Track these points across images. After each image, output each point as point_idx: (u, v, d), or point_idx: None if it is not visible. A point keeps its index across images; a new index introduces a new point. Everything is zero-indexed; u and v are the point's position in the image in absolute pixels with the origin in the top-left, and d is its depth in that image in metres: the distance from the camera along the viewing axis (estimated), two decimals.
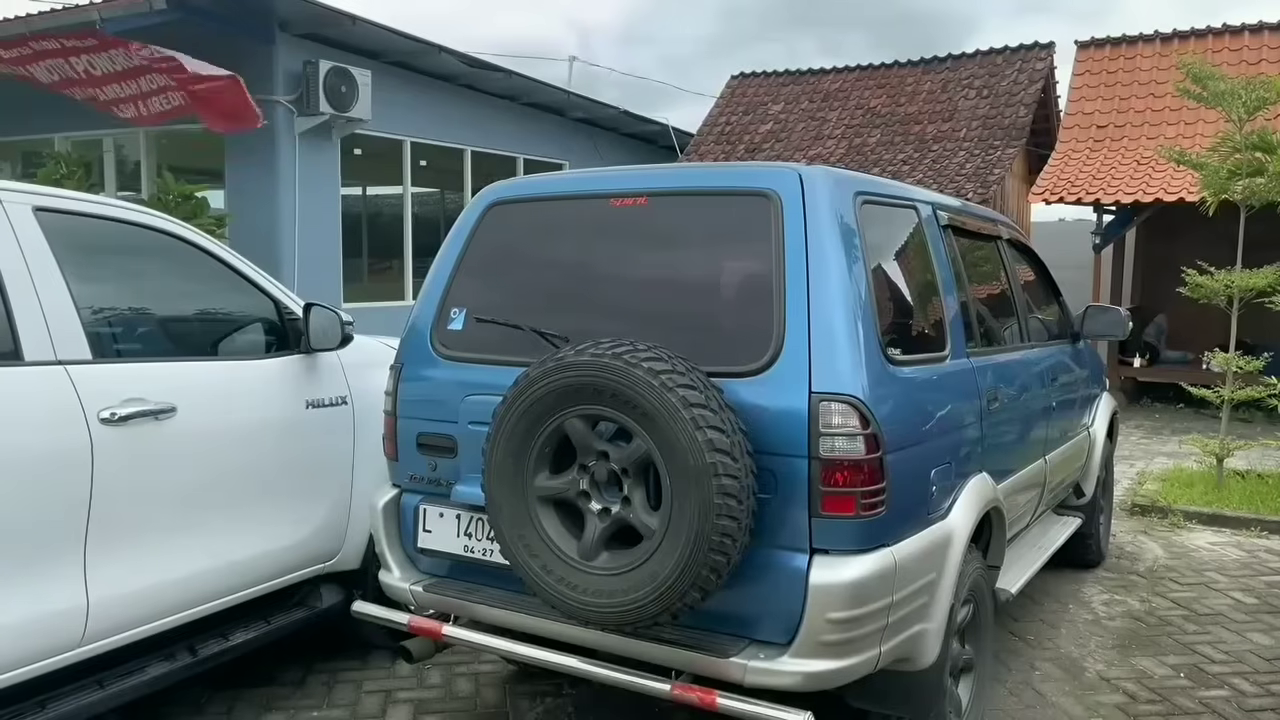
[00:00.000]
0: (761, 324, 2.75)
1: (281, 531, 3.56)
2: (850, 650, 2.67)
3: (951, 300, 3.43)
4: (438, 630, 3.11)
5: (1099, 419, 5.38)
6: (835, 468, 2.62)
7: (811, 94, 15.55)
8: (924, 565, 2.91)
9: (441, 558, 3.24)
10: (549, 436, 2.73)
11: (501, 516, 2.79)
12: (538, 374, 2.70)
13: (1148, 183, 11.33)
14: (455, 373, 3.21)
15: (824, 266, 2.75)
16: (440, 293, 3.32)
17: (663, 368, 2.55)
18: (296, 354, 3.68)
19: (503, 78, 11.98)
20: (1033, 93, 13.83)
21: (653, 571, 2.58)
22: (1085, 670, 4.18)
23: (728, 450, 2.51)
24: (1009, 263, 4.37)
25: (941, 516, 3.06)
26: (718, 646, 2.72)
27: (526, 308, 3.21)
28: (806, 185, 2.85)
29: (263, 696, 3.84)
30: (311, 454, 3.68)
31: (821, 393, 2.64)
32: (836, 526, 2.65)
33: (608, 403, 2.61)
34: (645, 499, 2.66)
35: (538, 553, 2.74)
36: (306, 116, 10.02)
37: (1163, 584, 5.34)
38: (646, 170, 3.23)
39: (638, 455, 2.62)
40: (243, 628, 3.48)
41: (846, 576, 2.62)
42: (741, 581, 2.70)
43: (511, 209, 3.35)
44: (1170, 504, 6.78)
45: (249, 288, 3.64)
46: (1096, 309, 5.06)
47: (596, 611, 2.66)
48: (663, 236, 3.05)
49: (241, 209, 10.20)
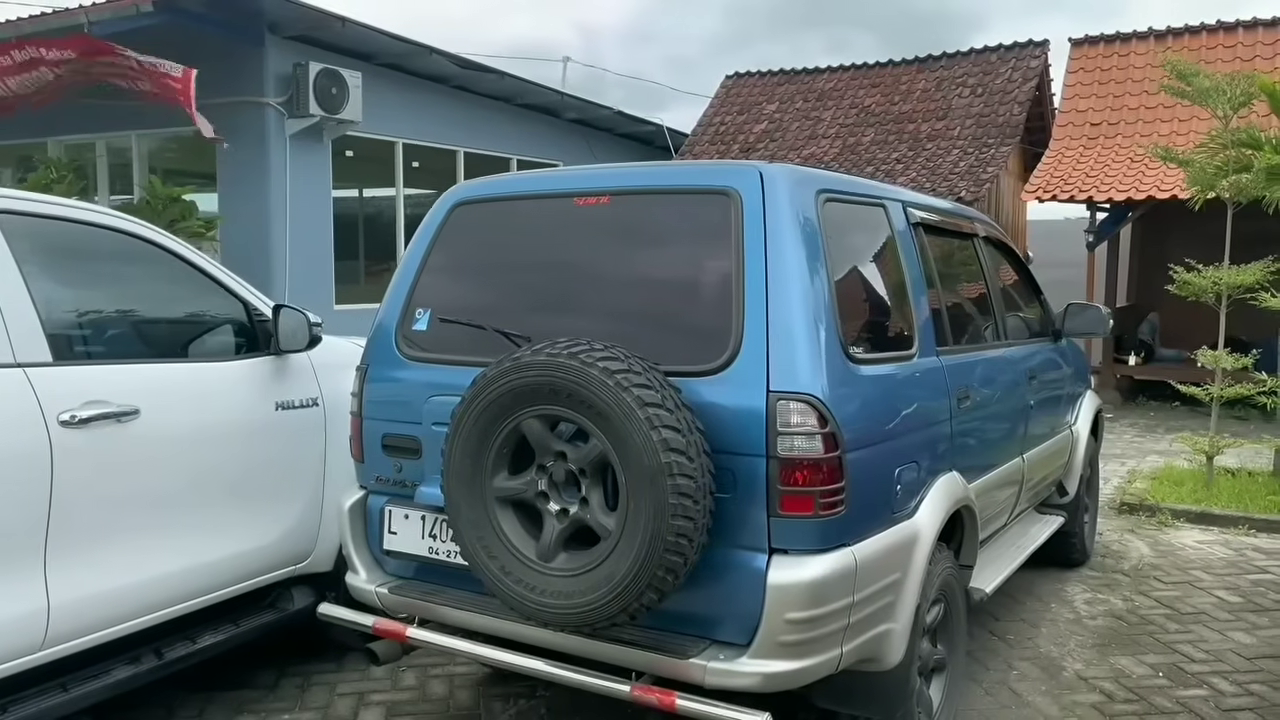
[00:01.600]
0: (721, 322, 2.73)
1: (251, 534, 3.55)
2: (810, 651, 2.65)
3: (920, 299, 3.41)
4: (402, 632, 3.09)
5: (1082, 417, 5.36)
6: (793, 467, 2.61)
7: (806, 93, 15.54)
8: (887, 565, 2.90)
9: (408, 559, 3.23)
10: (506, 437, 2.72)
11: (460, 518, 2.78)
12: (494, 374, 2.69)
13: (1141, 180, 11.30)
14: (419, 373, 3.20)
15: (783, 265, 2.74)
16: (405, 293, 3.31)
17: (618, 367, 2.54)
18: (266, 355, 3.67)
19: (495, 79, 11.99)
20: (1027, 90, 13.81)
21: (609, 573, 2.56)
22: (1063, 670, 4.16)
23: (683, 450, 2.49)
24: (985, 261, 4.35)
25: (907, 515, 3.04)
26: (678, 647, 2.71)
27: (491, 308, 3.20)
28: (767, 183, 2.84)
29: (234, 700, 3.83)
30: (281, 456, 3.67)
31: (779, 392, 2.63)
32: (795, 526, 2.63)
33: (564, 403, 2.60)
34: (603, 499, 2.65)
35: (496, 554, 2.73)
36: (297, 119, 10.03)
37: (1147, 583, 5.31)
38: (609, 169, 3.22)
39: (594, 455, 2.61)
40: (211, 630, 3.46)
41: (805, 576, 2.60)
42: (701, 582, 2.69)
43: (477, 209, 3.34)
44: (1158, 502, 6.75)
45: (217, 289, 3.63)
46: (1077, 307, 5.04)
47: (554, 613, 2.65)
48: (625, 235, 3.04)
49: (233, 212, 10.21)
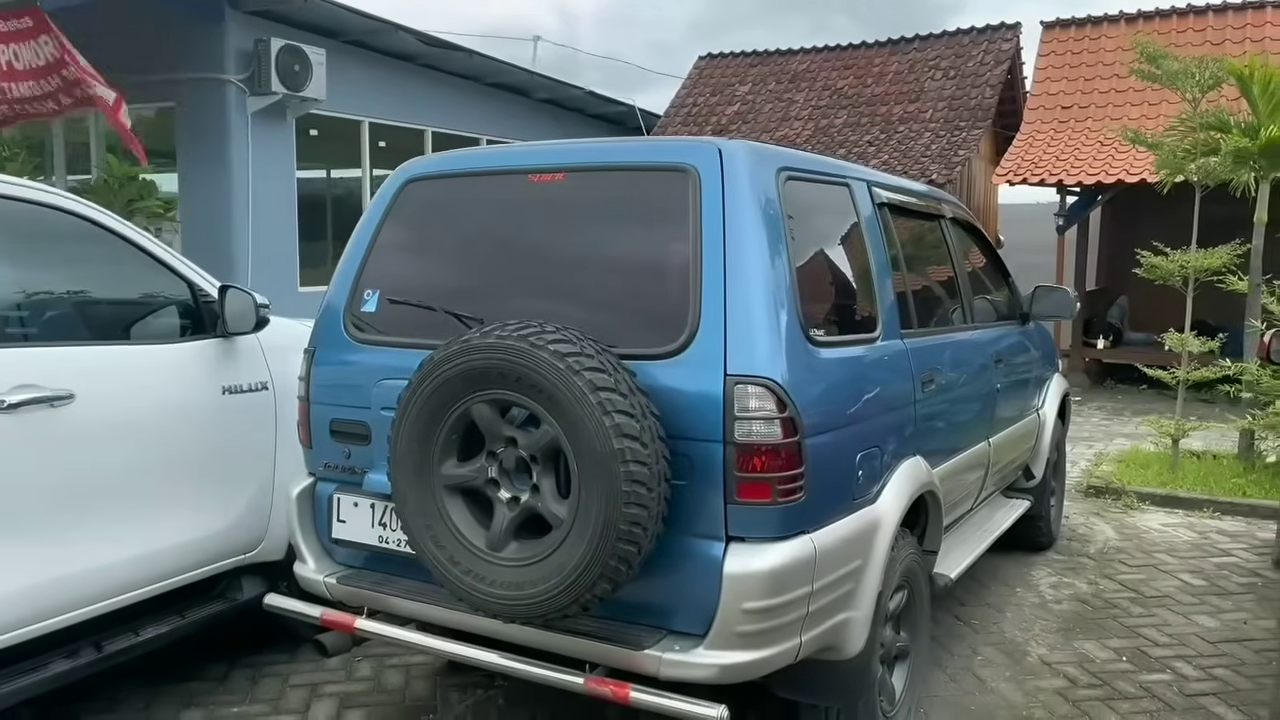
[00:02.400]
0: (677, 304, 2.65)
1: (196, 522, 3.44)
2: (768, 641, 2.59)
3: (885, 280, 3.34)
4: (350, 624, 3.00)
5: (1049, 401, 5.33)
6: (751, 453, 2.53)
7: (779, 75, 15.44)
8: (848, 552, 2.83)
9: (357, 548, 3.13)
10: (455, 423, 2.62)
11: (407, 506, 2.69)
12: (442, 357, 2.59)
13: (1110, 164, 11.32)
14: (368, 356, 3.10)
15: (742, 245, 2.65)
16: (353, 274, 3.20)
17: (569, 350, 2.45)
18: (212, 338, 3.55)
19: (464, 57, 11.79)
20: (999, 74, 13.78)
21: (561, 562, 2.48)
22: (1027, 654, 4.14)
23: (636, 436, 2.41)
24: (953, 243, 4.29)
25: (869, 501, 2.98)
26: (633, 638, 2.63)
27: (443, 288, 3.10)
28: (726, 160, 2.75)
29: (183, 692, 3.72)
30: (229, 442, 3.56)
31: (737, 375, 2.55)
32: (753, 513, 2.56)
33: (513, 387, 2.50)
34: (554, 487, 2.56)
35: (444, 544, 2.64)
36: (259, 96, 9.79)
37: (1112, 566, 5.31)
38: (565, 144, 3.12)
39: (546, 441, 2.52)
40: (155, 622, 3.35)
41: (762, 565, 2.53)
42: (657, 571, 2.61)
43: (429, 185, 3.23)
44: (1124, 485, 6.76)
45: (160, 269, 3.49)
46: (1045, 289, 5.00)
47: (503, 604, 2.56)
48: (580, 213, 2.94)
49: (193, 192, 9.99)
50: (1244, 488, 6.62)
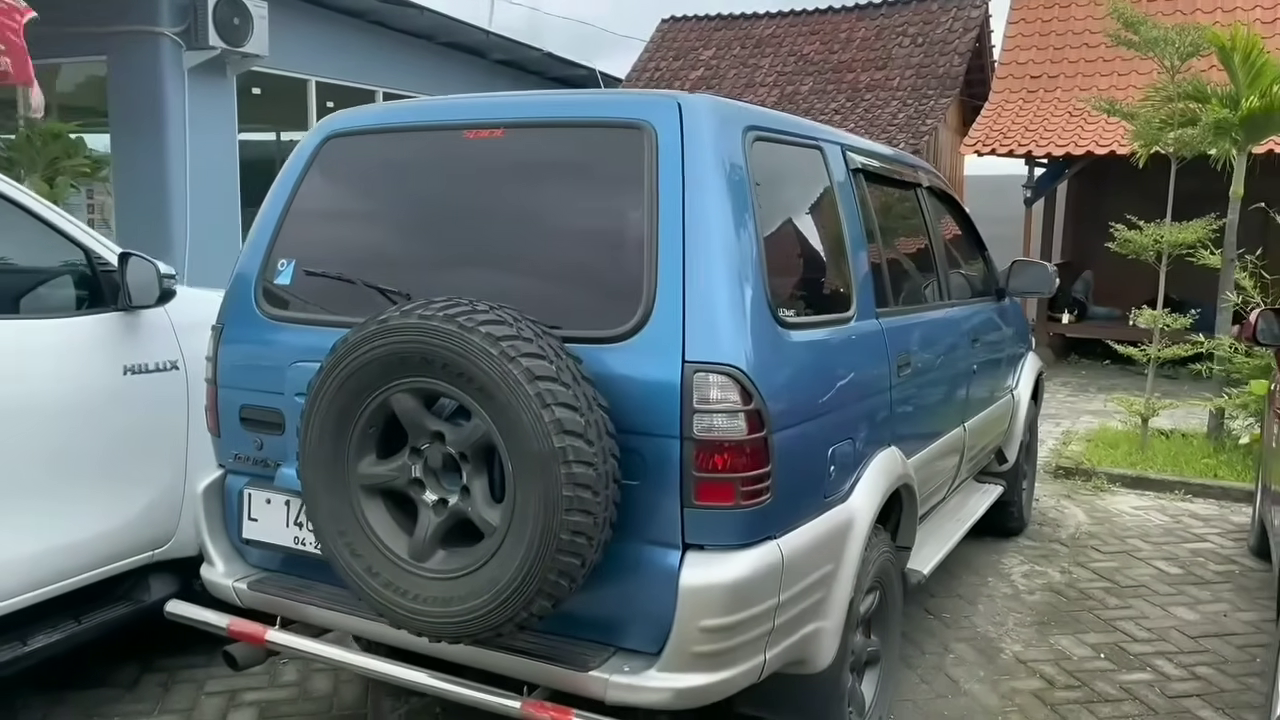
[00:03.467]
0: (630, 281, 2.32)
1: (93, 517, 3.08)
2: (728, 661, 2.30)
3: (860, 254, 3.03)
4: (260, 636, 2.67)
5: (1023, 380, 5.09)
6: (712, 450, 2.23)
7: (744, 40, 15.05)
8: (819, 557, 2.55)
9: (271, 550, 2.79)
10: (372, 414, 2.29)
11: (319, 508, 2.36)
12: (357, 339, 2.25)
13: (1079, 135, 11.10)
14: (282, 335, 2.75)
15: (703, 213, 2.33)
16: (267, 241, 2.84)
17: (504, 333, 2.12)
18: (111, 311, 3.17)
19: (415, 14, 11.26)
20: (967, 41, 13.51)
21: (493, 576, 2.17)
22: (1001, 652, 3.91)
23: (580, 432, 2.09)
24: (929, 213, 4.00)
25: (841, 499, 2.70)
26: (578, 657, 2.33)
27: (367, 259, 2.74)
28: (687, 117, 2.42)
29: (87, 700, 3.38)
30: (132, 427, 3.19)
31: (697, 362, 2.24)
32: (713, 518, 2.26)
33: (439, 375, 2.17)
34: (487, 490, 2.24)
35: (361, 551, 2.31)
36: (195, 51, 9.23)
37: (1085, 553, 5.10)
38: (505, 97, 2.76)
39: (477, 437, 2.19)
40: (45, 630, 2.99)
41: (723, 577, 2.24)
42: (605, 581, 2.31)
43: (353, 142, 2.87)
44: (1094, 466, 6.58)
45: (50, 234, 3.10)
46: (1022, 264, 4.74)
47: (428, 621, 2.24)
48: (521, 175, 2.59)
49: (127, 153, 9.42)
50: (1215, 469, 6.46)
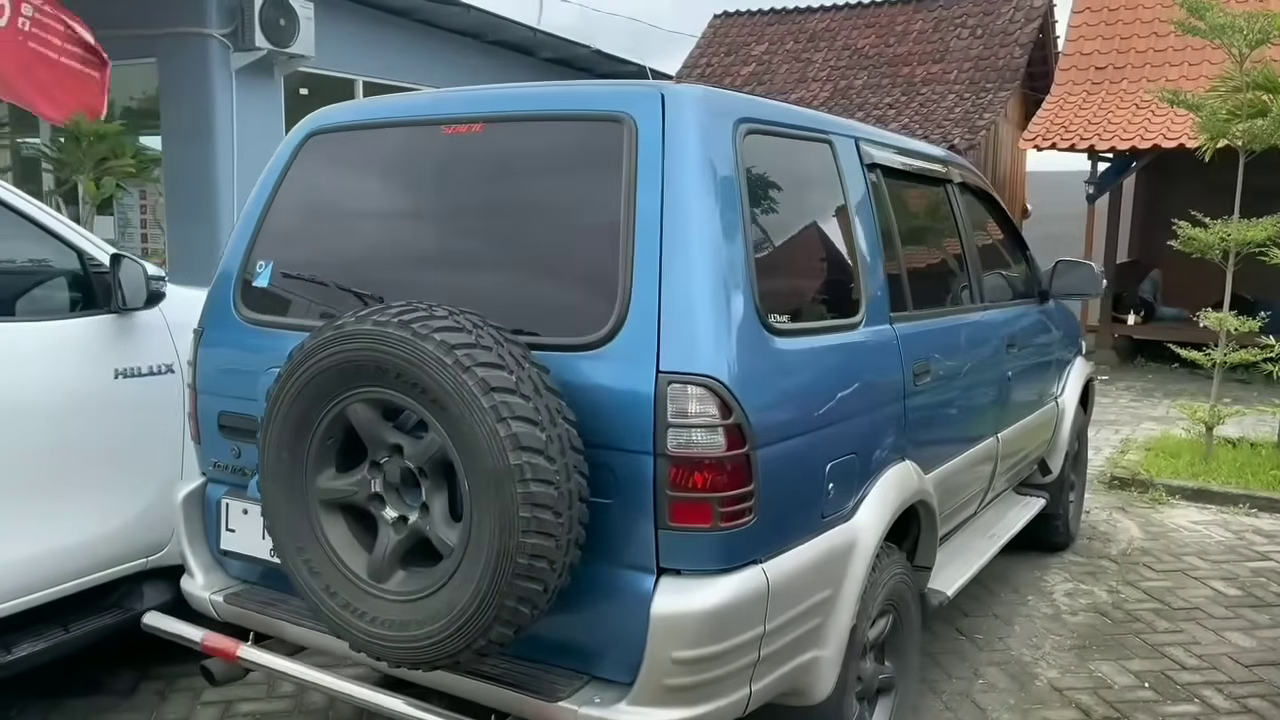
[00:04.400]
0: (604, 285, 2.17)
1: (84, 523, 3.02)
2: (707, 695, 2.13)
3: (872, 255, 2.84)
4: (231, 651, 2.57)
5: (1070, 387, 4.81)
6: (688, 467, 2.07)
7: (797, 34, 14.76)
8: (814, 581, 2.37)
9: (248, 562, 2.70)
10: (330, 425, 2.17)
11: (278, 523, 2.25)
12: (313, 346, 2.14)
13: (1146, 127, 10.63)
14: (259, 339, 2.65)
15: (684, 212, 2.17)
16: (247, 242, 2.75)
17: (460, 340, 1.98)
18: (103, 314, 3.11)
19: (461, 12, 11.24)
20: (1029, 32, 13.06)
21: (450, 600, 2.03)
22: (1036, 678, 3.66)
23: (540, 448, 1.95)
24: (960, 211, 3.77)
25: (843, 519, 2.51)
26: (549, 685, 2.19)
27: (344, 260, 2.63)
28: (670, 109, 2.26)
29: (83, 708, 3.33)
30: (124, 432, 3.12)
31: (672, 373, 2.07)
32: (689, 541, 2.10)
33: (393, 384, 2.04)
34: (447, 507, 2.10)
35: (319, 569, 2.20)
36: (243, 52, 9.31)
37: (1136, 571, 4.80)
38: (485, 90, 2.62)
39: (433, 452, 2.06)
40: (31, 638, 2.94)
41: (699, 605, 2.07)
42: (578, 605, 2.16)
43: (334, 139, 2.78)
44: (1152, 477, 6.23)
45: (40, 235, 3.05)
46: (1067, 264, 4.46)
47: (385, 646, 2.12)
48: (499, 172, 2.45)
49: (177, 153, 9.55)
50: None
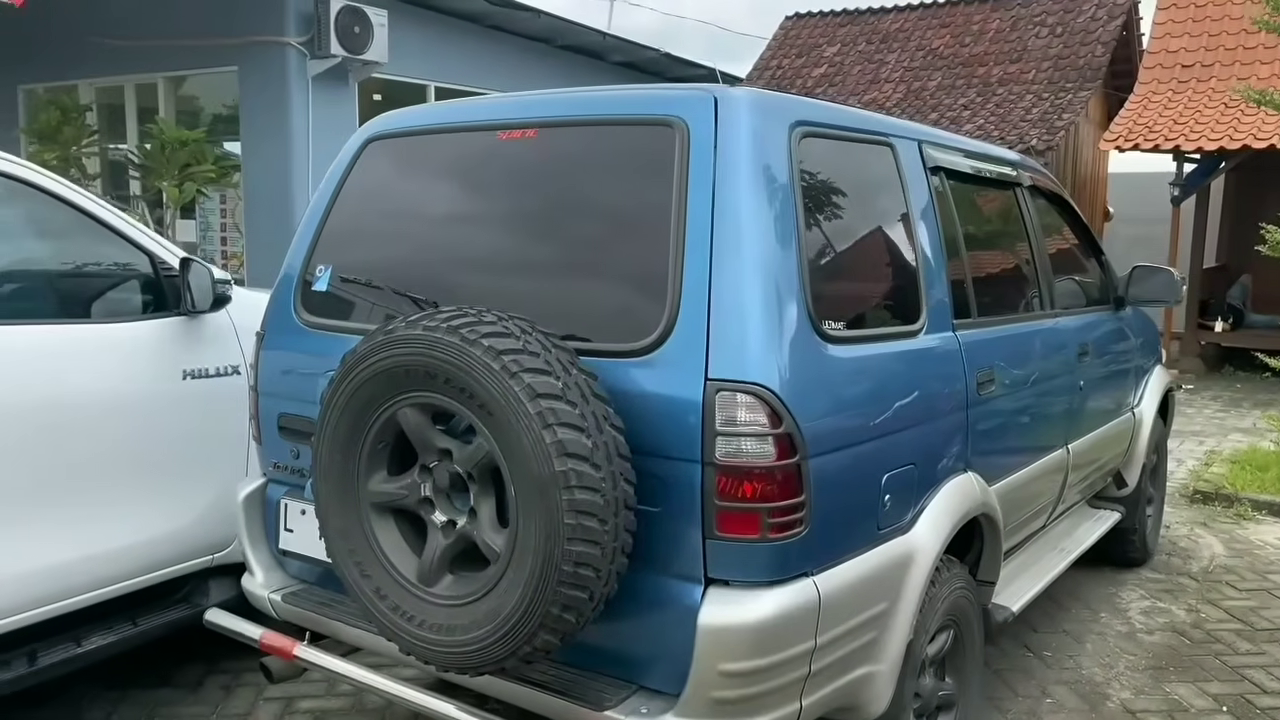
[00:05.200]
0: (653, 290, 2.15)
1: (151, 521, 3.10)
2: (756, 708, 2.10)
3: (935, 261, 2.76)
4: (288, 650, 2.61)
5: (1148, 397, 4.63)
6: (737, 476, 2.03)
7: (870, 35, 14.55)
8: (869, 595, 2.31)
9: (306, 561, 2.74)
10: (382, 429, 2.19)
11: (330, 526, 2.27)
12: (364, 351, 2.16)
13: (1236, 127, 10.22)
14: (317, 343, 2.69)
15: (735, 217, 2.14)
16: (308, 247, 2.79)
17: (508, 346, 1.98)
18: (172, 316, 3.19)
19: (532, 18, 11.34)
20: (1112, 30, 12.67)
21: (496, 606, 2.03)
22: (1107, 699, 3.53)
23: (586, 455, 1.93)
24: (1030, 215, 3.65)
25: (900, 531, 2.45)
26: (595, 694, 2.17)
27: (401, 265, 2.66)
28: (722, 112, 2.23)
29: (150, 700, 3.42)
30: (191, 432, 3.20)
31: (721, 380, 2.04)
32: (738, 551, 2.06)
33: (442, 389, 2.05)
34: (494, 513, 2.10)
35: (370, 572, 2.21)
36: (319, 59, 9.56)
37: (1217, 589, 4.61)
38: (540, 95, 2.62)
39: (480, 457, 2.06)
40: (101, 631, 3.03)
41: (747, 618, 2.04)
42: (625, 614, 2.14)
43: (393, 145, 2.80)
44: (1237, 491, 5.97)
45: (114, 239, 3.14)
46: (1145, 270, 4.30)
47: (432, 650, 2.13)
48: (551, 178, 2.45)
49: (255, 158, 9.83)
50: None
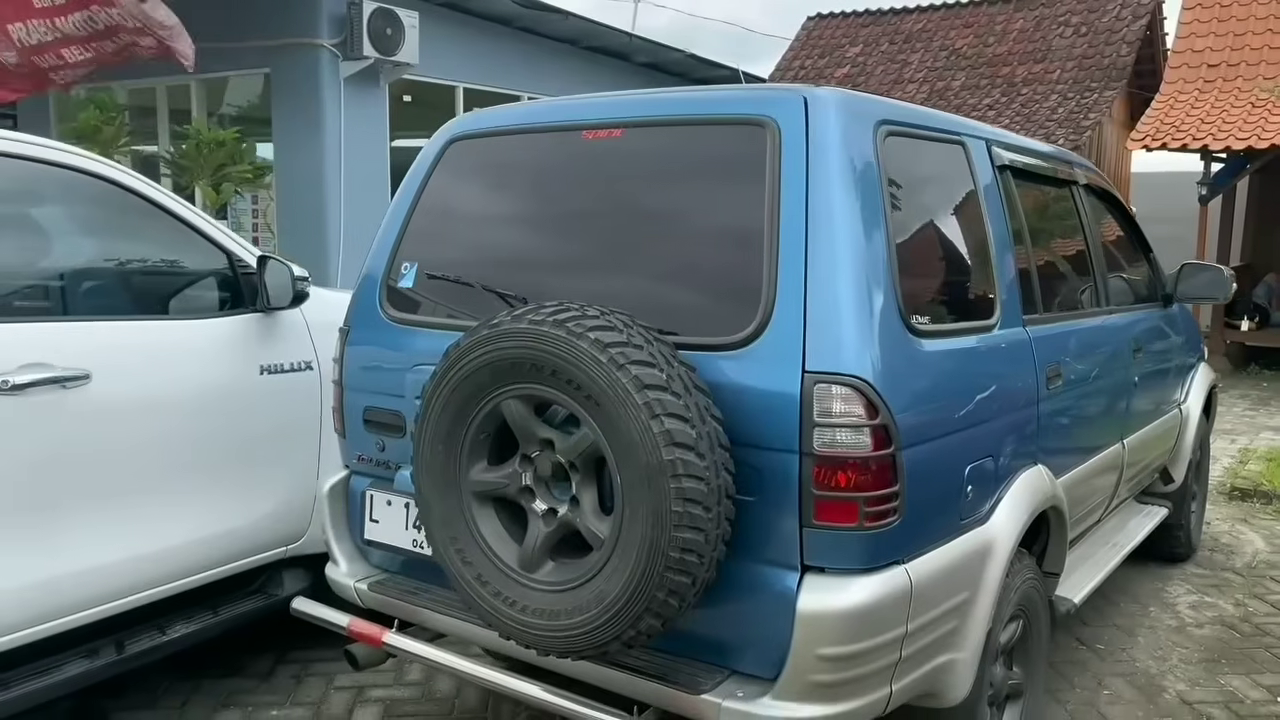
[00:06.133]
0: (748, 285, 2.21)
1: (229, 512, 3.18)
2: (850, 692, 2.15)
3: (1005, 257, 2.82)
4: (378, 637, 2.68)
5: (1193, 394, 4.67)
6: (833, 467, 2.09)
7: (892, 35, 14.59)
8: (953, 584, 2.37)
9: (391, 551, 2.81)
10: (484, 420, 2.25)
11: (431, 515, 2.34)
12: (469, 344, 2.22)
13: (1264, 127, 10.23)
14: (404, 338, 2.76)
15: (829, 213, 2.19)
16: (391, 244, 2.85)
17: (613, 339, 2.04)
18: (249, 313, 3.26)
19: (559, 19, 11.40)
20: (1136, 29, 12.69)
21: (601, 591, 2.09)
22: (1164, 690, 3.57)
23: (692, 445, 1.99)
24: (1086, 213, 3.71)
25: (979, 521, 2.50)
26: (690, 679, 2.23)
27: (487, 262, 2.72)
28: (813, 112, 2.28)
29: (224, 689, 3.49)
30: (267, 425, 3.28)
31: (818, 372, 2.10)
32: (834, 539, 2.12)
33: (548, 381, 2.11)
34: (596, 501, 2.17)
35: (471, 559, 2.28)
36: (351, 61, 9.62)
37: (1263, 584, 4.64)
38: (625, 96, 2.69)
39: (585, 447, 2.12)
40: (184, 620, 3.11)
41: (845, 604, 2.09)
42: (719, 600, 2.20)
43: (475, 145, 2.86)
44: (1276, 488, 6.00)
45: (194, 237, 3.21)
46: (1194, 267, 4.34)
47: (535, 634, 2.19)
48: (640, 176, 2.51)
49: (288, 159, 9.91)
50: None
